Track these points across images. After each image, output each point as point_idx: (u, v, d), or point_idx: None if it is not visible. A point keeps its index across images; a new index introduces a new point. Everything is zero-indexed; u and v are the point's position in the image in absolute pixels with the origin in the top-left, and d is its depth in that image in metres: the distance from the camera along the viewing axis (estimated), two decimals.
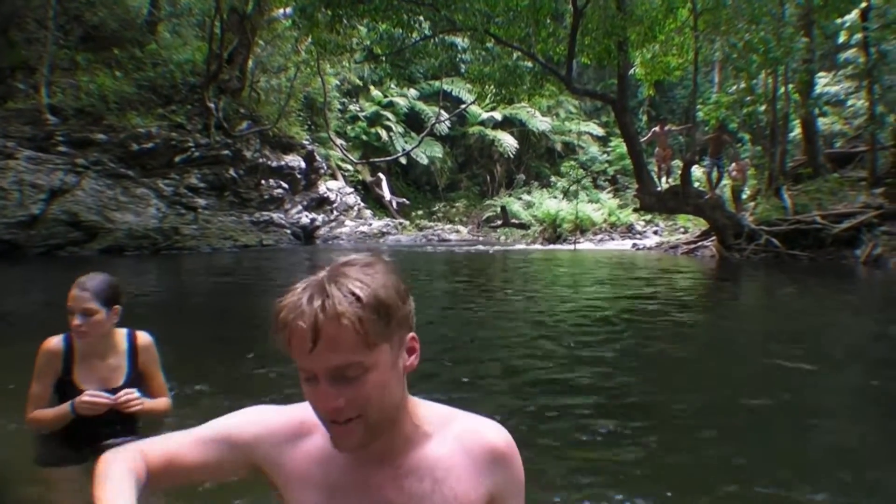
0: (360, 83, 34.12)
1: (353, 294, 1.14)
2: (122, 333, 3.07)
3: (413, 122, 34.59)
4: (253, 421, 1.38)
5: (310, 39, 20.69)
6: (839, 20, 20.24)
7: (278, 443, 1.35)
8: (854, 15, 19.35)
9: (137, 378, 3.04)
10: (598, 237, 27.10)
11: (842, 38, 22.26)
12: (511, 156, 36.07)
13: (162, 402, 3.16)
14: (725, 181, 20.35)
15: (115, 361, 3.02)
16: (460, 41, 24.75)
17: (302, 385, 1.20)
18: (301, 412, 1.34)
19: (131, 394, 2.87)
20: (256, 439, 1.35)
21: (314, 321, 1.11)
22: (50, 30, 18.34)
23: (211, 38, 21.31)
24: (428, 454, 1.29)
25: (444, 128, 34.42)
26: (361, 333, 1.13)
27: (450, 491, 1.27)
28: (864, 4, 17.56)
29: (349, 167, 32.75)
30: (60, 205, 17.20)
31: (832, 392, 5.65)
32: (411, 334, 1.26)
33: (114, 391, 2.88)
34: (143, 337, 3.11)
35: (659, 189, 19.01)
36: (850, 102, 23.84)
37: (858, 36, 18.44)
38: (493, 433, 1.33)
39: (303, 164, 26.32)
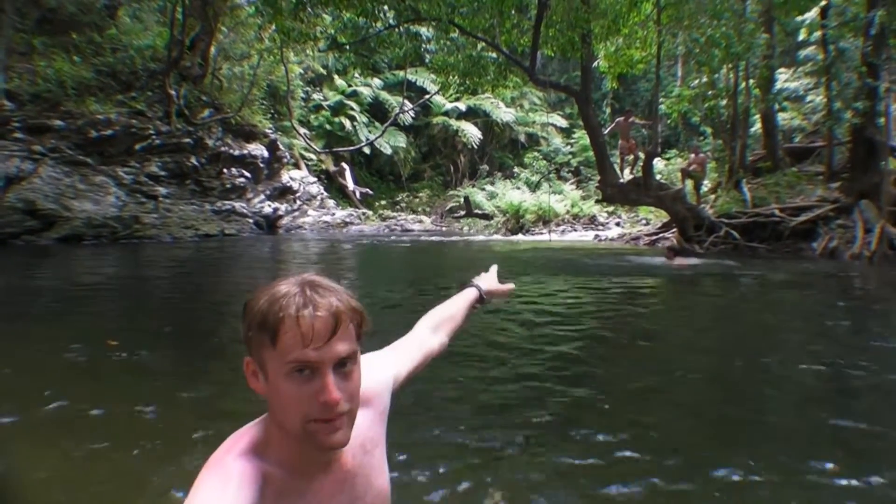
0: (324, 72, 33.94)
1: (348, 294, 1.25)
2: None
3: (377, 111, 34.50)
4: None
5: (273, 27, 20.46)
6: (799, 18, 20.59)
7: None
8: (814, 13, 19.70)
9: None
10: (561, 228, 27.28)
11: (802, 36, 22.66)
12: (475, 146, 36.17)
13: None
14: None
15: None
16: (425, 31, 24.68)
17: (285, 385, 1.20)
18: (248, 466, 1.23)
19: None
20: None
21: (335, 309, 1.19)
22: (6, 13, 17.91)
23: (172, 23, 21.00)
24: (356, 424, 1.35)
25: (408, 118, 34.40)
26: (358, 328, 1.25)
27: (371, 444, 1.44)
28: (823, 2, 17.84)
29: (312, 156, 32.57)
30: (17, 192, 16.85)
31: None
32: None
33: None
34: None
35: (621, 181, 19.16)
36: (808, 98, 24.29)
37: (818, 33, 18.74)
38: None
39: (265, 153, 26.12)
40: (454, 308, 1.94)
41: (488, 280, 2.11)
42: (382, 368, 1.58)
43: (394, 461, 1.69)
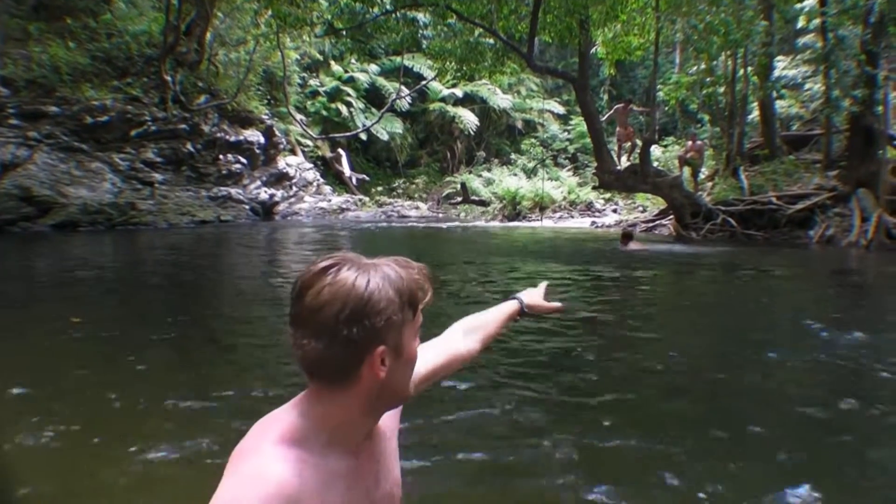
0: (321, 58, 33.77)
1: None
2: None
3: (373, 97, 34.36)
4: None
5: (269, 12, 20.37)
6: (798, 5, 20.50)
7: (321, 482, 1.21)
8: (813, 0, 19.60)
9: None
10: (558, 215, 27.26)
11: (800, 23, 22.54)
12: (471, 133, 36.05)
13: None
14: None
15: None
16: (422, 16, 24.59)
17: (415, 343, 1.33)
18: (288, 452, 1.19)
19: None
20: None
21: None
22: None
23: (168, 8, 20.81)
24: None
25: (404, 104, 34.25)
26: None
27: (390, 432, 1.47)
28: None
29: (309, 143, 32.45)
30: (12, 179, 16.77)
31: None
32: None
33: None
34: None
35: (618, 168, 19.15)
36: (807, 86, 24.23)
37: (817, 21, 18.64)
38: None
39: (262, 139, 26.02)
40: (490, 316, 1.97)
41: (533, 295, 2.12)
42: None
43: None
